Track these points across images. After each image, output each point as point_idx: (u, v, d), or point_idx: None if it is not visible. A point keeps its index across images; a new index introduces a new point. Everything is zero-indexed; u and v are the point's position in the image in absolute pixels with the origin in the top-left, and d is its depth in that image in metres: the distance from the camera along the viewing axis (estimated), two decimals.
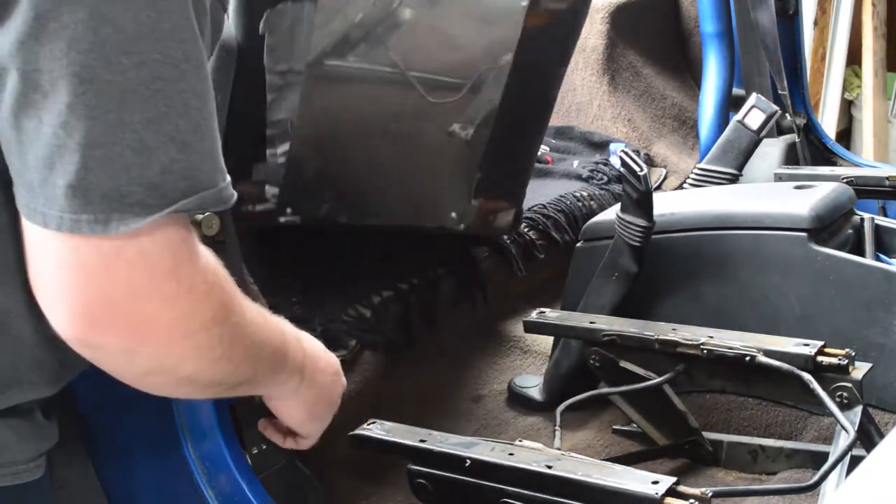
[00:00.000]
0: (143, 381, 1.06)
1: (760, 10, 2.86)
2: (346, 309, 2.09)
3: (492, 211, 2.30)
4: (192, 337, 1.00)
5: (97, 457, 1.64)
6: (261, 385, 1.24)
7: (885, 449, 1.01)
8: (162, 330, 0.97)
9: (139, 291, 0.94)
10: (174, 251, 0.96)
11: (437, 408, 2.16)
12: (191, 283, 0.98)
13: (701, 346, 1.69)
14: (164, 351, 1.00)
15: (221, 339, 1.04)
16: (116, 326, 0.95)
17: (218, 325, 1.03)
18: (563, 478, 1.37)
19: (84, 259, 0.92)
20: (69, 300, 0.94)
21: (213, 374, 1.07)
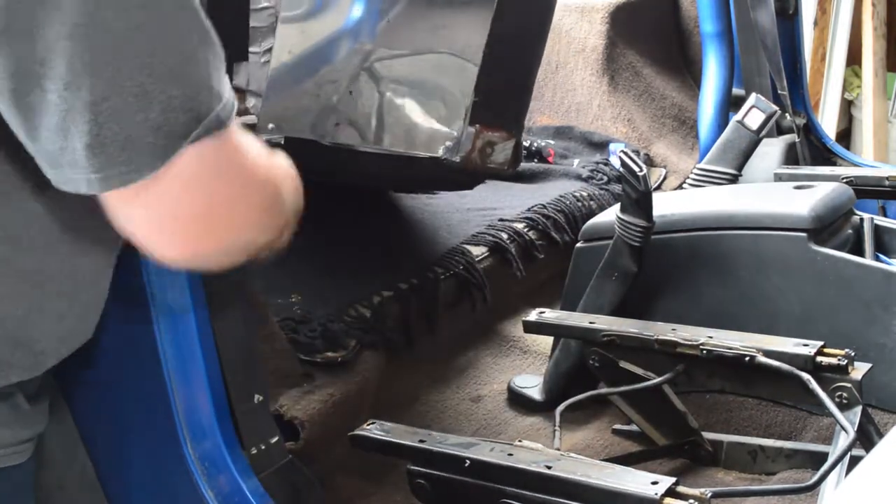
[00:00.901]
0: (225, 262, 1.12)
1: (760, 9, 2.86)
2: (346, 309, 2.09)
3: (489, 142, 2.21)
4: (260, 221, 1.08)
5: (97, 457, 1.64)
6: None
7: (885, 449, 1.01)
8: (237, 228, 1.05)
9: (198, 213, 1.00)
10: (219, 164, 1.00)
11: (437, 408, 2.16)
12: (250, 177, 1.05)
13: (700, 347, 1.69)
14: (245, 239, 1.08)
15: (283, 207, 1.13)
16: (201, 245, 1.03)
17: (276, 201, 1.10)
18: (562, 478, 1.37)
19: (130, 208, 0.98)
20: (153, 243, 1.01)
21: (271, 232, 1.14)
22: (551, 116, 3.43)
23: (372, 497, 1.86)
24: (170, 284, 1.41)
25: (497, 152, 2.21)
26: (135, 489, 1.64)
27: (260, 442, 1.50)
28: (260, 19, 1.84)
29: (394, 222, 2.62)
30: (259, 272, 2.00)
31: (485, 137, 2.18)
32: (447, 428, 2.06)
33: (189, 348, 1.44)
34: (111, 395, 1.56)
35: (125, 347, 1.48)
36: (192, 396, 1.47)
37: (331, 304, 2.09)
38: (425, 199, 2.75)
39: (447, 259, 2.37)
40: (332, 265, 2.28)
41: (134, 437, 1.60)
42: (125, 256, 1.32)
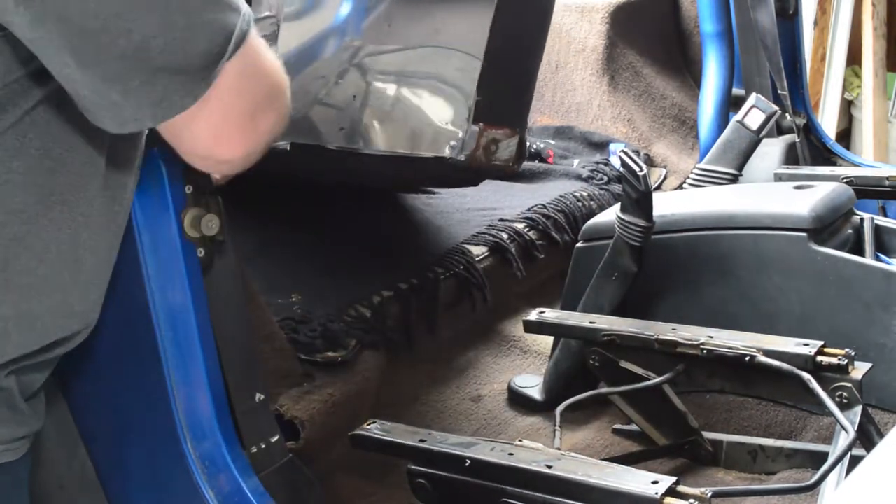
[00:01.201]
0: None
1: (760, 10, 2.86)
2: (346, 309, 2.09)
3: (493, 140, 2.22)
4: (281, 107, 1.21)
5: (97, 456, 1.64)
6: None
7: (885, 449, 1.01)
8: (271, 116, 1.18)
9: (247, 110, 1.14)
10: (247, 69, 1.12)
11: (437, 407, 2.16)
12: (267, 78, 1.17)
13: (701, 346, 1.69)
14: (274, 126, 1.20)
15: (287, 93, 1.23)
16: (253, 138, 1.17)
17: (286, 88, 1.22)
18: (562, 478, 1.37)
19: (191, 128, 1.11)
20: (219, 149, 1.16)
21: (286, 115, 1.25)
22: (551, 116, 3.43)
23: (372, 497, 1.86)
24: (170, 284, 1.41)
25: (501, 150, 2.22)
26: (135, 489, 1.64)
27: (260, 441, 1.50)
28: (262, 28, 1.84)
29: (394, 222, 2.62)
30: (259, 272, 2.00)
31: (489, 135, 2.18)
32: (447, 428, 2.06)
33: (189, 348, 1.44)
34: (111, 394, 1.56)
35: (125, 347, 1.48)
36: (192, 396, 1.47)
37: (331, 304, 2.09)
38: (425, 199, 2.75)
39: (447, 259, 2.37)
40: (332, 265, 2.28)
41: (134, 436, 1.60)
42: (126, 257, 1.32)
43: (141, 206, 1.35)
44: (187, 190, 1.38)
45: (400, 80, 2.07)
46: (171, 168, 1.35)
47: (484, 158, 2.19)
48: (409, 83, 2.09)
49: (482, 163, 2.20)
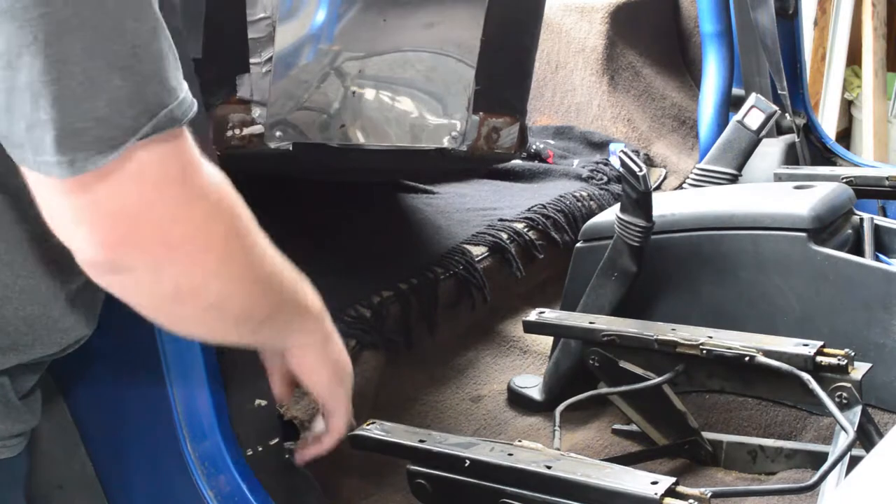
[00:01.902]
0: (170, 309, 1.05)
1: (760, 10, 2.86)
2: (346, 309, 2.09)
3: (494, 128, 2.22)
4: (212, 249, 1.01)
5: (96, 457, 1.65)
6: (286, 325, 1.24)
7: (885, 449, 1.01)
8: (181, 240, 0.98)
9: (148, 211, 0.95)
10: (168, 169, 0.95)
11: (437, 408, 2.16)
12: (199, 192, 0.98)
13: (700, 346, 1.69)
14: (189, 263, 1.00)
15: (243, 252, 1.06)
16: (136, 246, 0.96)
17: (236, 237, 1.05)
18: (562, 478, 1.37)
19: (74, 199, 0.92)
20: (81, 238, 0.95)
21: (239, 298, 1.08)
22: (551, 116, 3.44)
23: (372, 497, 1.86)
24: None
25: (503, 137, 2.22)
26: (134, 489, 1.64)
27: (258, 443, 1.50)
28: (258, 30, 1.84)
29: (394, 222, 2.62)
30: None
31: (490, 124, 2.19)
32: (447, 428, 2.06)
33: (189, 348, 1.44)
34: (111, 394, 1.56)
35: (125, 347, 1.48)
36: (192, 396, 1.47)
37: (330, 304, 2.09)
38: (425, 198, 2.75)
39: (447, 259, 2.37)
40: (332, 265, 2.28)
41: (134, 436, 1.60)
42: None
43: None
44: None
45: (398, 73, 2.08)
46: None
47: (486, 147, 2.21)
48: (407, 76, 2.10)
49: (484, 152, 2.22)
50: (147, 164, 0.92)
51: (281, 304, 1.18)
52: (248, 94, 1.89)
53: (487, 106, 2.18)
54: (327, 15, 1.94)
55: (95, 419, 1.61)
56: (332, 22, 1.96)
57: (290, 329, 1.26)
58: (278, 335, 1.26)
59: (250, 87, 1.89)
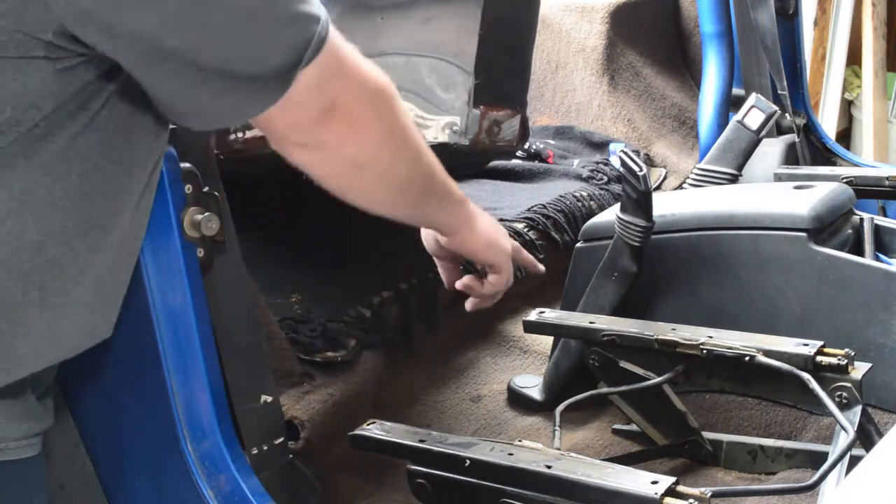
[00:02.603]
0: (351, 178, 1.32)
1: (760, 10, 2.86)
2: (346, 309, 2.09)
3: (495, 121, 2.24)
4: (382, 126, 1.28)
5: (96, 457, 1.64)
6: (436, 205, 1.51)
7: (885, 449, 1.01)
8: (360, 120, 1.23)
9: (324, 111, 1.19)
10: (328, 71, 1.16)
11: (437, 408, 2.16)
12: (365, 81, 1.23)
13: (700, 346, 1.69)
14: (366, 136, 1.26)
15: (402, 130, 1.32)
16: (328, 126, 1.21)
17: (397, 117, 1.30)
18: (562, 478, 1.37)
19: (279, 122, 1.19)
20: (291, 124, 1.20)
21: (403, 169, 1.34)
22: (551, 116, 3.43)
23: (372, 497, 1.86)
24: (169, 285, 1.41)
25: (504, 130, 2.23)
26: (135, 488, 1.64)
27: (263, 442, 1.50)
28: None
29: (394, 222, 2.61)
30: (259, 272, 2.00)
31: (490, 117, 2.20)
32: (447, 428, 2.06)
33: (189, 348, 1.44)
34: (111, 394, 1.56)
35: (125, 347, 1.48)
36: (192, 396, 1.47)
37: (331, 304, 2.09)
38: None
39: None
40: (332, 265, 2.28)
41: (134, 436, 1.60)
42: None
43: None
44: (187, 190, 1.38)
45: (396, 70, 2.08)
46: (170, 168, 1.35)
47: (488, 141, 2.21)
48: (407, 74, 2.10)
49: (486, 146, 2.23)
50: (315, 76, 1.14)
51: (433, 181, 1.44)
52: None
53: (488, 99, 2.19)
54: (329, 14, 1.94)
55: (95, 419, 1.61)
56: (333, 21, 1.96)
57: (443, 207, 1.53)
58: (434, 211, 1.53)
59: None
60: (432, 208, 1.52)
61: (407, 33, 2.06)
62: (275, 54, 1.09)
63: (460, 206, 1.58)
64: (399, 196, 1.41)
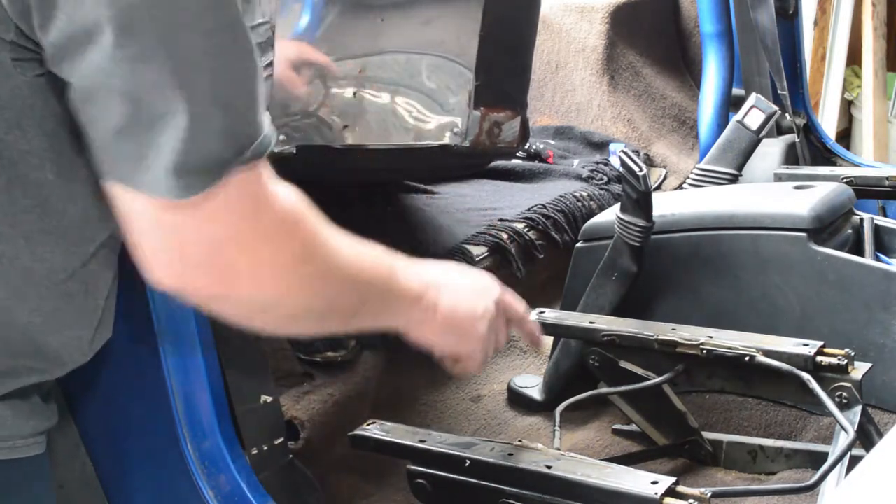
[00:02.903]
0: (251, 321, 1.12)
1: (760, 10, 2.86)
2: None
3: (496, 122, 2.24)
4: (280, 279, 1.07)
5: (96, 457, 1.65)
6: (378, 315, 1.26)
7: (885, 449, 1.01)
8: (247, 275, 1.03)
9: (219, 242, 1.00)
10: (246, 202, 1.01)
11: (437, 408, 2.16)
12: (268, 228, 1.04)
13: (700, 346, 1.69)
14: (256, 294, 1.06)
15: (313, 276, 1.10)
16: (203, 277, 1.02)
17: (304, 263, 1.08)
18: (562, 478, 1.37)
19: (164, 220, 0.99)
20: (158, 258, 1.02)
21: (318, 305, 1.14)
22: (551, 116, 3.43)
23: (372, 497, 1.86)
24: None
25: (505, 131, 2.24)
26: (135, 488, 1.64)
27: (263, 442, 1.50)
28: (258, 35, 1.85)
29: (394, 222, 2.62)
30: None
31: (491, 119, 2.20)
32: (447, 428, 2.06)
33: (189, 348, 1.44)
34: (111, 394, 1.56)
35: (125, 347, 1.48)
36: (192, 396, 1.47)
37: None
38: (425, 199, 2.75)
39: (447, 259, 2.37)
40: None
41: (134, 436, 1.60)
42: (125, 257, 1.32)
43: None
44: None
45: (398, 73, 2.08)
46: None
47: (488, 142, 2.22)
48: (408, 75, 2.10)
49: (487, 147, 2.23)
50: (234, 194, 0.99)
51: (367, 298, 1.21)
52: None
53: (488, 101, 2.19)
54: (326, 17, 1.94)
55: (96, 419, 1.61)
56: (331, 24, 1.96)
57: (389, 314, 1.28)
58: (376, 322, 1.28)
59: None
60: (374, 320, 1.26)
61: (408, 34, 2.06)
62: (214, 135, 0.97)
63: (414, 305, 1.30)
64: (322, 323, 1.21)
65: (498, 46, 2.16)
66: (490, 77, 2.16)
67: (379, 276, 1.24)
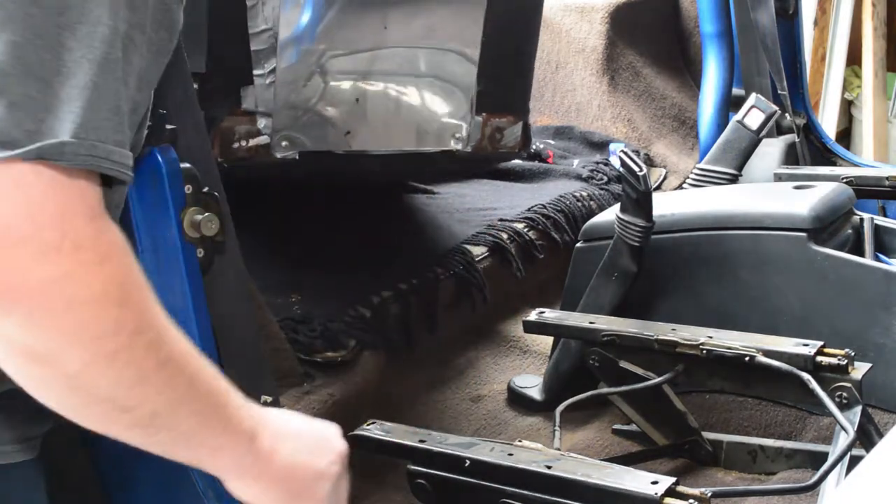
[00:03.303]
0: (24, 368, 0.89)
1: (760, 10, 2.86)
2: (346, 309, 2.09)
3: (497, 128, 2.25)
4: (76, 308, 0.85)
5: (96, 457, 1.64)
6: (191, 437, 0.99)
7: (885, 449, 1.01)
8: (38, 286, 0.83)
9: (14, 231, 0.83)
10: (63, 200, 0.85)
11: (437, 408, 2.16)
12: (79, 242, 0.85)
13: (700, 346, 1.69)
14: (42, 316, 0.84)
15: (118, 326, 0.88)
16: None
17: (112, 305, 0.87)
18: (562, 478, 1.37)
19: None
20: None
21: (111, 379, 0.89)
22: (551, 116, 3.44)
23: (372, 497, 1.86)
24: (169, 286, 1.41)
25: (507, 137, 2.25)
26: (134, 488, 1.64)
27: None
28: (260, 42, 1.86)
29: (394, 222, 2.62)
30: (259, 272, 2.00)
31: (493, 124, 2.21)
32: (447, 428, 2.06)
33: None
34: None
35: None
36: None
37: (331, 304, 2.09)
38: (425, 199, 2.75)
39: (447, 259, 2.37)
40: (332, 265, 2.28)
41: None
42: None
43: (140, 207, 1.35)
44: (187, 190, 1.38)
45: (400, 79, 2.09)
46: (170, 168, 1.35)
47: (490, 147, 2.23)
48: (410, 81, 2.11)
49: (489, 152, 2.24)
50: (29, 183, 0.84)
51: (180, 403, 0.95)
52: (252, 106, 1.92)
53: (490, 106, 2.20)
54: (328, 24, 1.95)
55: None
56: (334, 31, 1.97)
57: (208, 443, 1.00)
58: (185, 447, 1.00)
59: (255, 99, 1.91)
60: (183, 442, 0.99)
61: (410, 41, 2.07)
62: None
63: (244, 445, 1.03)
64: (108, 413, 0.96)
65: (500, 52, 2.17)
66: (492, 83, 2.17)
67: (207, 384, 0.98)
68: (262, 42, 1.87)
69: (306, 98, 1.98)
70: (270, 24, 1.86)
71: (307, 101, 1.99)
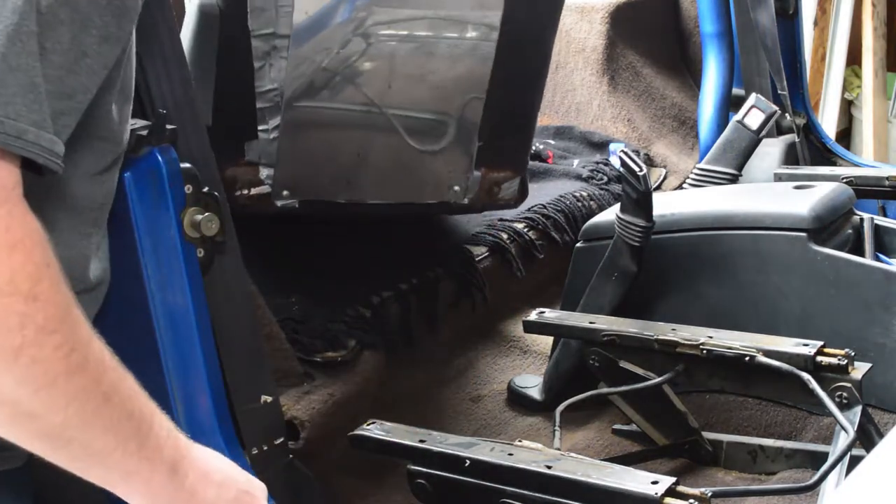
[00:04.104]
0: None
1: (760, 10, 2.86)
2: (346, 309, 2.09)
3: (496, 181, 2.27)
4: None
5: None
6: (103, 454, 0.93)
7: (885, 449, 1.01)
8: None
9: None
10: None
11: (437, 408, 2.16)
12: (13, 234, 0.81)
13: (701, 346, 1.69)
14: None
15: (24, 320, 0.82)
16: None
17: (19, 297, 0.82)
18: (562, 478, 1.37)
19: None
20: None
21: (16, 377, 0.83)
22: (551, 116, 3.43)
23: (372, 497, 1.86)
24: (169, 285, 1.41)
25: (504, 190, 2.30)
26: None
27: (263, 442, 1.50)
28: (265, 100, 1.91)
29: (394, 223, 2.62)
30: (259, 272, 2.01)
31: (491, 179, 2.26)
32: (447, 428, 2.06)
33: (189, 349, 1.44)
34: None
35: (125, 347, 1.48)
36: (192, 396, 1.47)
37: (331, 304, 2.10)
38: None
39: (447, 259, 2.37)
40: (332, 265, 2.28)
41: None
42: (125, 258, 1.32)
43: (141, 207, 1.35)
44: (187, 190, 1.38)
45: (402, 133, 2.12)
46: (170, 168, 1.35)
47: (487, 199, 2.29)
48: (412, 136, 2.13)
49: (486, 203, 2.28)
50: None
51: (94, 420, 0.90)
52: (256, 158, 1.99)
53: (490, 161, 2.24)
54: (334, 84, 2.01)
55: None
56: (339, 88, 2.01)
57: (123, 465, 0.95)
58: (98, 468, 0.96)
59: (258, 152, 1.97)
60: (95, 456, 0.94)
61: (414, 96, 2.10)
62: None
63: (162, 473, 0.97)
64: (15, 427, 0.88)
65: (503, 109, 2.19)
66: (493, 138, 2.21)
67: (127, 402, 0.93)
68: (267, 100, 1.92)
69: (308, 151, 2.03)
70: (276, 86, 1.92)
71: (309, 155, 2.03)
